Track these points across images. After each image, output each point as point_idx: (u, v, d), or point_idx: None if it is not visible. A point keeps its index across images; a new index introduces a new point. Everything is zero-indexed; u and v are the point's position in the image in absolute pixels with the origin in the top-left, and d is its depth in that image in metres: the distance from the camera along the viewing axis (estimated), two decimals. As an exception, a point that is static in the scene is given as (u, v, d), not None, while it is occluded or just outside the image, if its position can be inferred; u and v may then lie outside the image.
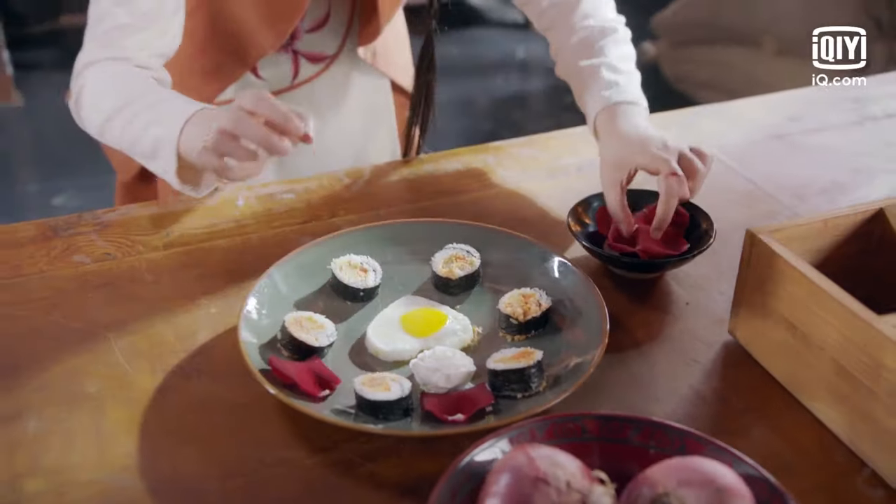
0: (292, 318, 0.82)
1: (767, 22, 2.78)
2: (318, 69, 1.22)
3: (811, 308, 0.76)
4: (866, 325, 0.71)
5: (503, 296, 0.87)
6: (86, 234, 1.00)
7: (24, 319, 0.88)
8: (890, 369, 0.69)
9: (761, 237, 0.81)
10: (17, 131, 2.99)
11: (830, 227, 0.84)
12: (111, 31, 1.00)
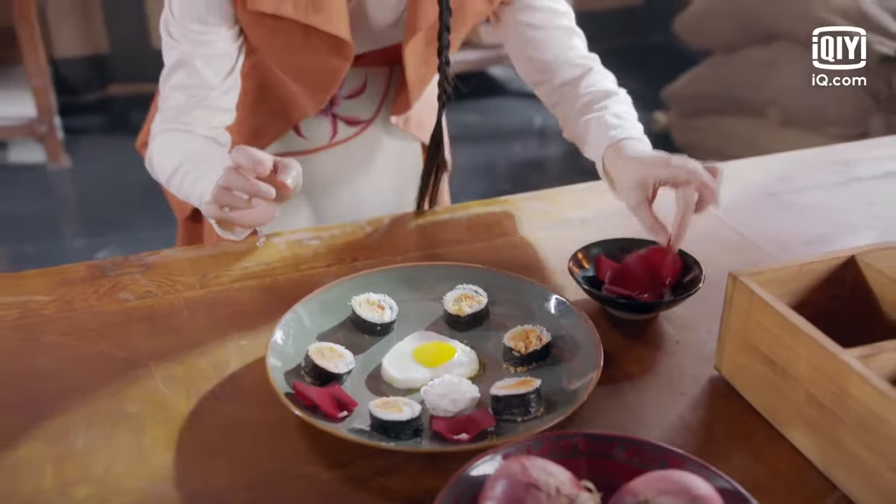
0: (315, 348, 0.87)
1: (772, 94, 2.83)
2: (355, 131, 1.28)
3: (785, 343, 0.81)
4: (833, 357, 0.75)
5: (507, 331, 0.92)
6: (131, 275, 1.06)
7: (75, 348, 0.93)
8: (854, 397, 0.74)
9: (742, 279, 0.86)
10: (65, 191, 3.09)
11: (805, 271, 0.89)
12: (173, 110, 1.09)
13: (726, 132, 2.95)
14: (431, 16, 1.10)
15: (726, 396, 0.88)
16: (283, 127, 1.24)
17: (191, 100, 1.08)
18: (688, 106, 3.20)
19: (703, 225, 1.16)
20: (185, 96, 1.09)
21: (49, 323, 0.97)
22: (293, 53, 1.11)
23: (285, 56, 1.13)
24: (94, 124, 3.50)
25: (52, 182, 3.09)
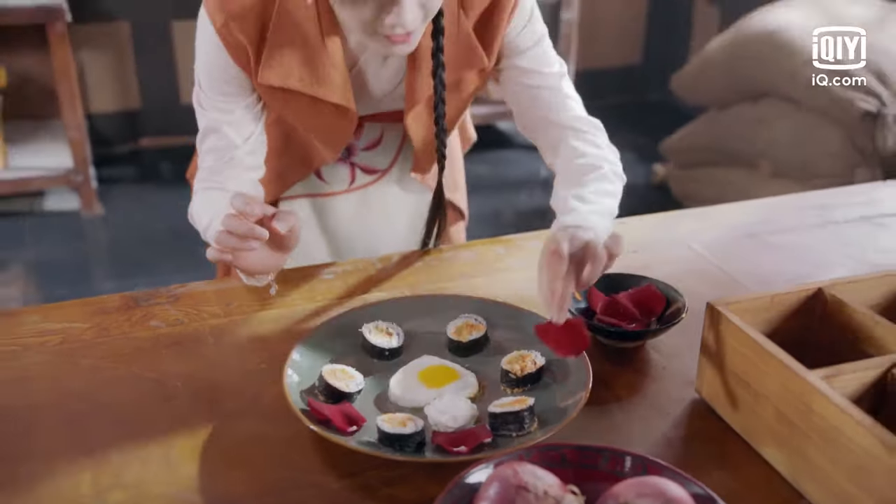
0: (328, 370, 0.92)
1: (763, 147, 2.85)
2: (372, 179, 1.32)
3: (757, 365, 0.85)
4: (799, 378, 0.80)
5: (505, 355, 0.96)
6: (161, 305, 1.11)
7: (110, 370, 0.98)
8: (818, 414, 0.78)
9: (719, 308, 0.90)
10: (97, 237, 3.14)
11: (777, 302, 0.93)
12: (207, 170, 1.15)
13: (721, 182, 2.97)
14: (427, 90, 1.13)
15: (706, 416, 0.92)
16: (305, 171, 1.29)
17: (220, 162, 1.14)
18: (685, 158, 3.22)
19: (689, 262, 1.22)
20: (215, 158, 1.14)
21: (87, 347, 1.02)
22: (304, 117, 1.17)
23: (298, 118, 1.18)
24: (126, 175, 3.54)
25: (86, 228, 3.14)
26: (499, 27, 1.13)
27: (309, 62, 1.08)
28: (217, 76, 1.10)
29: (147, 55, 3.61)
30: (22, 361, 0.99)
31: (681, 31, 4.18)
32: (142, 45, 3.59)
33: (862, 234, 1.29)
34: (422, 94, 1.14)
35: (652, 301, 1.05)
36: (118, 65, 3.61)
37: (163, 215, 3.20)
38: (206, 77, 1.11)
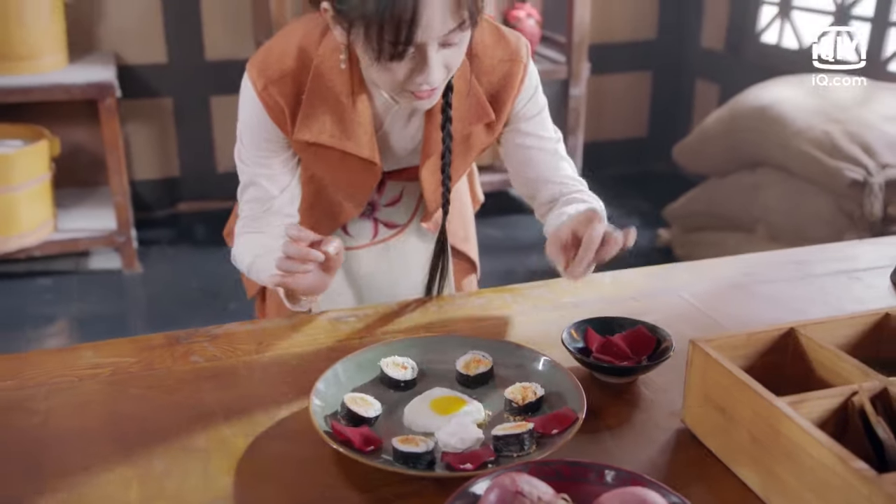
0: (349, 397, 0.98)
1: (759, 213, 2.91)
2: (393, 233, 1.40)
3: (733, 394, 0.90)
4: (769, 404, 0.85)
5: (508, 387, 1.01)
6: (200, 343, 1.18)
7: (155, 399, 1.04)
8: (786, 436, 0.83)
9: (700, 344, 0.96)
10: (136, 293, 3.23)
11: (753, 339, 0.99)
12: (248, 219, 1.24)
13: (720, 245, 3.02)
14: (439, 145, 1.22)
15: (689, 443, 0.97)
16: (332, 226, 1.36)
17: (259, 210, 1.23)
18: (686, 223, 3.29)
19: (679, 309, 1.28)
20: (255, 208, 1.23)
21: (134, 379, 1.09)
22: (333, 170, 1.25)
23: (327, 172, 1.26)
24: (164, 236, 3.65)
25: (126, 285, 3.23)
26: (507, 99, 1.22)
27: (340, 120, 1.17)
28: (257, 134, 1.19)
29: (187, 127, 3.75)
30: (79, 390, 1.06)
31: (683, 107, 4.29)
32: (182, 119, 3.74)
33: (839, 285, 1.35)
34: (436, 147, 1.22)
35: (643, 342, 1.11)
36: (160, 136, 3.75)
37: (197, 274, 3.30)
38: (248, 134, 1.20)
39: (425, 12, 0.98)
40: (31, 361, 1.12)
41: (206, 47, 3.65)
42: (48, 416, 1.01)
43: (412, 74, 1.04)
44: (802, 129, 2.72)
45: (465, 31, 1.05)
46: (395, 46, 0.99)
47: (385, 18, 0.97)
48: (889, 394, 0.87)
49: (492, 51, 1.21)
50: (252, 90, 1.16)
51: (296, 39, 1.17)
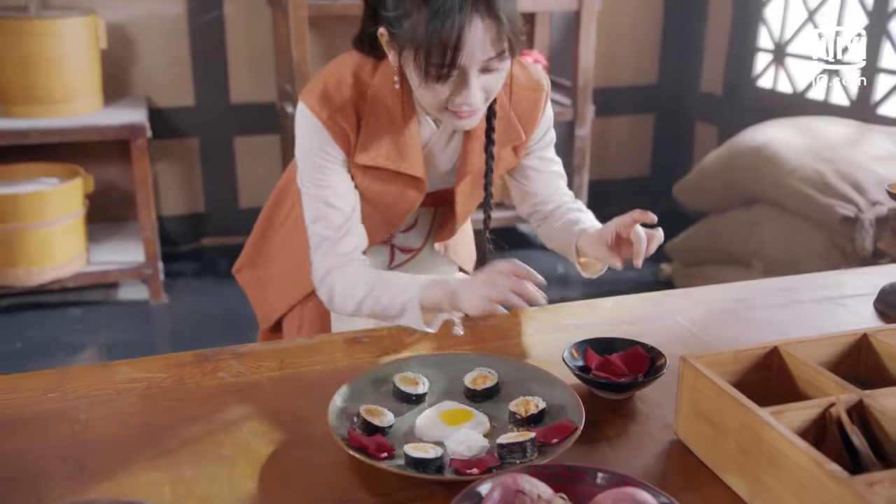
0: (365, 408, 1.02)
1: (755, 248, 2.94)
2: (408, 257, 1.46)
3: (721, 406, 0.94)
4: (753, 414, 0.89)
5: (512, 400, 1.06)
6: (226, 360, 1.22)
7: (185, 410, 1.09)
8: (768, 443, 0.86)
9: (690, 361, 1.00)
10: (162, 323, 3.28)
11: (740, 356, 1.03)
12: (325, 246, 1.27)
13: (719, 279, 3.04)
14: (475, 165, 1.31)
15: (681, 453, 1.00)
16: None
17: (337, 232, 1.26)
18: (687, 258, 3.32)
19: (674, 332, 1.32)
20: (333, 230, 1.26)
21: (166, 392, 1.13)
22: (383, 190, 1.30)
23: (378, 192, 1.30)
24: (189, 269, 3.70)
25: (152, 315, 3.29)
26: (533, 124, 1.34)
27: (394, 142, 1.24)
28: (318, 159, 1.24)
29: (211, 166, 3.83)
30: (116, 402, 1.11)
31: (684, 148, 4.34)
32: (208, 158, 3.82)
33: (824, 310, 1.38)
34: (472, 167, 1.30)
35: (639, 361, 1.15)
36: (187, 174, 3.83)
37: (219, 304, 3.35)
38: (312, 159, 1.25)
39: (468, 40, 1.06)
40: (72, 376, 1.17)
41: (232, 91, 3.74)
42: (88, 425, 1.06)
43: (454, 95, 1.13)
44: (796, 167, 2.77)
45: (505, 61, 1.15)
46: (441, 69, 1.08)
47: (432, 43, 1.06)
48: (864, 405, 0.91)
49: (521, 80, 1.32)
50: (315, 119, 1.22)
51: (349, 70, 1.24)
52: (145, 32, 3.55)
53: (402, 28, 1.11)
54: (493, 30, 1.09)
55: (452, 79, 1.12)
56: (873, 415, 0.90)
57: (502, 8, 1.09)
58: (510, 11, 1.11)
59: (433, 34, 1.07)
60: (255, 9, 3.64)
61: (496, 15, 1.09)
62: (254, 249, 1.55)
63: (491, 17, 1.09)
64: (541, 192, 1.42)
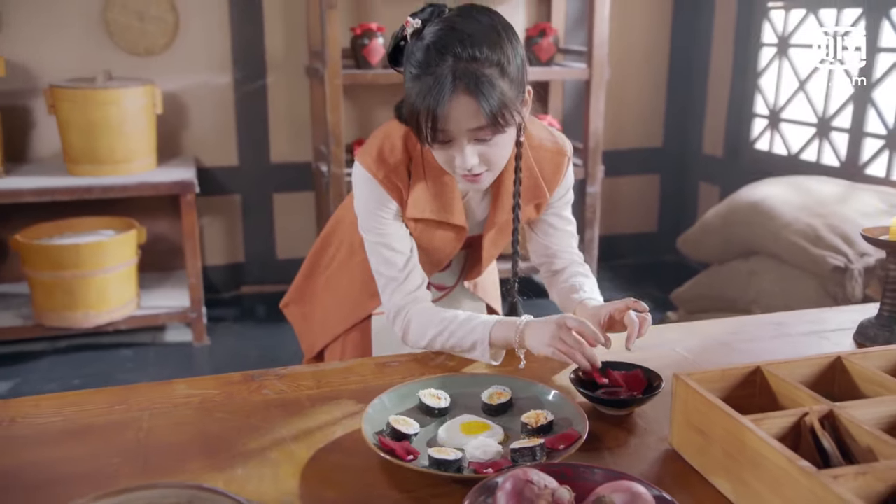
0: (392, 418, 1.09)
1: (754, 295, 2.98)
2: (441, 294, 1.55)
3: (709, 417, 1.00)
4: (736, 422, 0.94)
5: (524, 413, 1.13)
6: (270, 380, 1.30)
7: (235, 421, 1.16)
8: (750, 447, 0.92)
9: (683, 378, 1.06)
10: (203, 363, 3.36)
11: (726, 375, 1.09)
12: (392, 286, 1.35)
13: (721, 325, 3.09)
14: (502, 217, 1.39)
15: (675, 461, 1.06)
16: None
17: (401, 272, 1.34)
18: (691, 306, 3.36)
19: (672, 359, 1.38)
20: (397, 271, 1.34)
21: (218, 406, 1.21)
22: (430, 237, 1.39)
23: (426, 239, 1.39)
24: (229, 314, 3.79)
25: (196, 356, 3.36)
26: (555, 184, 1.42)
27: (439, 196, 1.33)
28: (377, 211, 1.33)
29: (252, 220, 3.95)
30: (175, 414, 1.19)
31: (688, 205, 4.41)
32: (248, 213, 3.93)
33: (809, 342, 1.44)
34: (499, 220, 1.39)
35: (638, 382, 1.22)
36: (229, 227, 3.95)
37: (257, 346, 3.43)
38: (368, 213, 1.34)
39: (454, 111, 1.15)
40: (136, 391, 1.26)
41: (271, 152, 3.88)
42: (150, 432, 1.14)
43: (455, 160, 1.20)
44: (790, 222, 2.83)
45: (501, 134, 1.20)
46: (433, 133, 1.16)
47: (424, 111, 1.14)
48: (834, 415, 0.97)
49: (547, 144, 1.41)
50: (372, 179, 1.31)
51: (400, 136, 1.33)
52: (196, 100, 3.72)
53: (409, 96, 1.19)
54: (473, 106, 1.14)
55: (448, 144, 1.19)
56: (842, 423, 0.96)
57: (484, 89, 1.14)
58: (495, 93, 1.15)
59: (424, 103, 1.15)
60: (295, 79, 3.80)
61: (476, 94, 1.14)
62: (300, 288, 1.64)
63: (471, 96, 1.14)
64: (552, 247, 1.49)
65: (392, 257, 1.35)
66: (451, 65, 1.14)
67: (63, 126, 3.24)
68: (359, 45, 3.38)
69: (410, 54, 1.19)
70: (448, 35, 1.15)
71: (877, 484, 0.84)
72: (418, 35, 1.20)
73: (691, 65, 4.29)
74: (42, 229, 3.35)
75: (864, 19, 3.18)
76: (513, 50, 1.19)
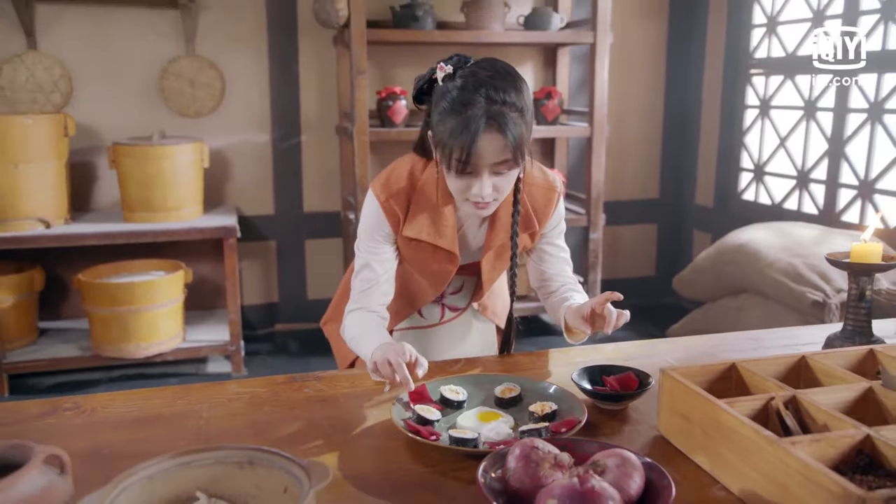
0: (418, 407, 1.19)
1: (743, 330, 3.05)
2: (455, 315, 1.62)
3: (690, 403, 1.08)
4: (713, 404, 1.03)
5: (532, 404, 1.22)
6: (310, 381, 1.38)
7: (280, 413, 1.25)
8: (725, 425, 1.00)
9: (668, 372, 1.14)
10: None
11: (706, 370, 1.17)
12: (357, 292, 1.45)
13: (713, 357, 3.14)
14: (496, 244, 1.47)
15: (662, 445, 1.13)
16: (410, 310, 1.59)
17: (367, 286, 1.44)
18: (685, 341, 3.42)
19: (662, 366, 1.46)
20: (364, 285, 1.44)
21: (265, 401, 1.30)
22: (425, 260, 1.47)
23: (420, 261, 1.48)
24: (265, 349, 3.86)
25: (234, 385, 3.45)
26: (546, 216, 1.50)
27: (434, 222, 1.42)
28: (376, 230, 1.43)
29: (285, 264, 4.04)
30: (228, 406, 1.29)
31: (683, 251, 4.49)
32: (283, 257, 4.03)
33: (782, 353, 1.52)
34: (494, 245, 1.47)
35: (630, 382, 1.30)
36: (265, 270, 4.04)
37: (289, 376, 3.50)
38: (368, 231, 1.44)
39: (481, 146, 1.25)
40: (195, 389, 1.35)
41: (304, 202, 4.01)
42: (209, 421, 1.23)
43: (471, 188, 1.30)
44: (773, 261, 2.91)
45: (513, 169, 1.30)
46: (460, 164, 1.26)
47: (456, 145, 1.25)
48: (797, 399, 1.05)
49: (539, 181, 1.49)
50: (376, 201, 1.42)
51: (407, 168, 1.44)
52: (238, 155, 3.88)
53: (439, 131, 1.30)
54: (501, 142, 1.25)
55: (469, 174, 1.29)
56: (803, 405, 1.04)
57: (510, 129, 1.25)
58: (517, 132, 1.26)
59: (457, 138, 1.25)
60: (326, 137, 3.96)
61: (504, 132, 1.25)
62: (336, 307, 1.74)
63: (500, 133, 1.25)
64: (548, 271, 1.56)
65: (367, 273, 1.44)
66: (483, 105, 1.24)
67: (122, 179, 3.40)
68: (384, 107, 3.55)
69: (444, 93, 1.29)
70: (480, 79, 1.26)
71: (829, 450, 0.92)
72: (450, 78, 1.31)
73: (684, 124, 4.42)
74: (101, 270, 3.48)
75: (834, 84, 3.30)
76: (528, 98, 1.31)
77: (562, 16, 3.77)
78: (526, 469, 0.92)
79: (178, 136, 3.64)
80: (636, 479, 0.90)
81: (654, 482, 0.91)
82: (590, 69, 3.67)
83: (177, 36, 3.68)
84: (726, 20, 4.05)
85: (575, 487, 0.85)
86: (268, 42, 3.80)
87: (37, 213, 3.24)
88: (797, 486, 0.87)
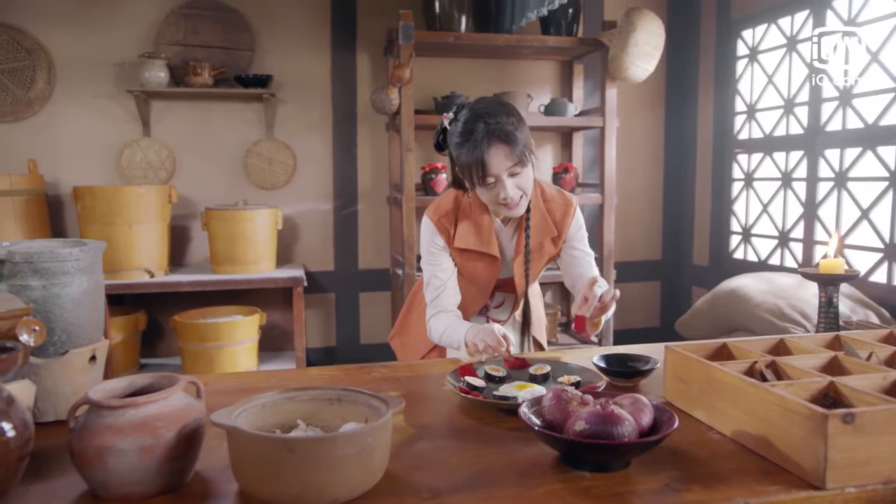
0: (467, 379, 1.29)
1: None
2: None
3: (689, 368, 1.17)
4: (707, 366, 1.11)
5: (559, 378, 1.31)
6: (377, 369, 1.47)
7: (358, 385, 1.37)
8: (717, 380, 1.08)
9: (671, 347, 1.22)
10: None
11: (702, 348, 1.24)
12: (431, 299, 1.56)
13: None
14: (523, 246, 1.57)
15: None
16: None
17: (438, 294, 1.55)
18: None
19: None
20: (435, 292, 1.55)
21: (340, 381, 1.39)
22: (475, 265, 1.58)
23: (470, 268, 1.58)
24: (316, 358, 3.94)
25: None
26: (565, 224, 1.59)
27: (478, 233, 1.54)
28: (431, 245, 1.55)
29: (342, 313, 4.11)
30: (312, 383, 1.40)
31: (683, 305, 4.49)
32: (340, 307, 4.10)
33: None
34: (521, 249, 1.57)
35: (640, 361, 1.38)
36: (325, 318, 4.11)
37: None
38: (426, 247, 1.56)
39: (492, 159, 1.39)
40: (285, 373, 1.47)
41: (359, 260, 4.15)
42: (299, 390, 1.34)
43: (498, 193, 1.43)
44: (760, 302, 2.95)
45: (526, 166, 1.41)
46: (478, 179, 1.40)
47: (471, 163, 1.39)
48: (776, 363, 1.13)
49: (556, 197, 1.61)
50: (430, 222, 1.56)
51: (451, 196, 1.58)
52: (306, 220, 4.05)
53: (458, 159, 1.43)
54: (507, 150, 1.37)
55: (491, 183, 1.40)
56: (781, 367, 1.12)
57: (510, 137, 1.36)
58: (517, 138, 1.36)
59: (472, 156, 1.37)
60: (379, 204, 4.14)
61: (506, 141, 1.36)
62: (400, 323, 1.85)
63: (504, 143, 1.36)
64: (575, 270, 1.64)
65: (434, 281, 1.56)
66: (483, 128, 1.39)
67: (212, 237, 3.59)
68: (427, 179, 3.73)
69: (453, 133, 1.45)
70: (477, 112, 1.41)
71: (801, 392, 1.00)
72: (455, 120, 1.46)
73: (681, 195, 4.51)
74: (193, 313, 3.63)
75: (805, 159, 3.42)
76: (519, 116, 1.43)
77: (575, 105, 3.97)
78: (558, 405, 1.01)
79: (257, 203, 3.84)
80: (647, 414, 0.99)
81: (661, 417, 1.00)
82: (600, 149, 3.82)
83: (259, 123, 3.94)
84: (713, 108, 4.22)
85: (598, 411, 0.94)
86: (332, 128, 4.04)
87: (144, 265, 3.44)
88: (776, 416, 0.95)
